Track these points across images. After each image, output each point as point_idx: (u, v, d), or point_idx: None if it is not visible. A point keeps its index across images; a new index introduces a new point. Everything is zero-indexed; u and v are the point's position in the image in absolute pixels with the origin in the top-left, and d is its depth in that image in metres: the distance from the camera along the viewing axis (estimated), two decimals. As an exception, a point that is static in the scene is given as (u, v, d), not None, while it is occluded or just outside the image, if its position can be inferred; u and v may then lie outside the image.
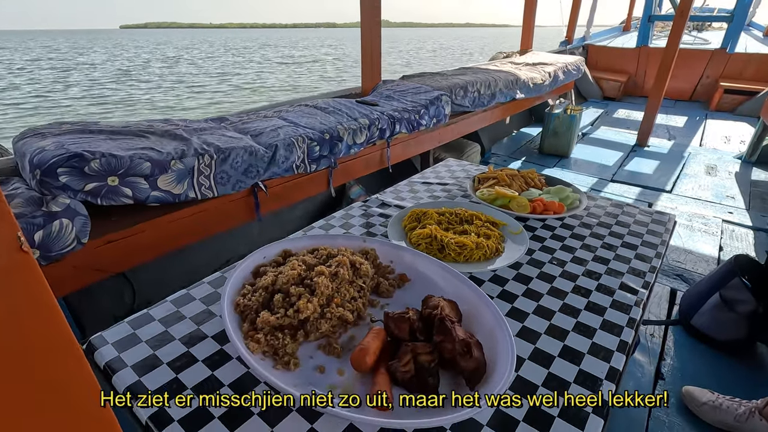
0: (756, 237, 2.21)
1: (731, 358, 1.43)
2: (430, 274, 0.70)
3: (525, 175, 1.09)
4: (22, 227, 0.94)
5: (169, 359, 0.55)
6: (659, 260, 0.84)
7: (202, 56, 22.82)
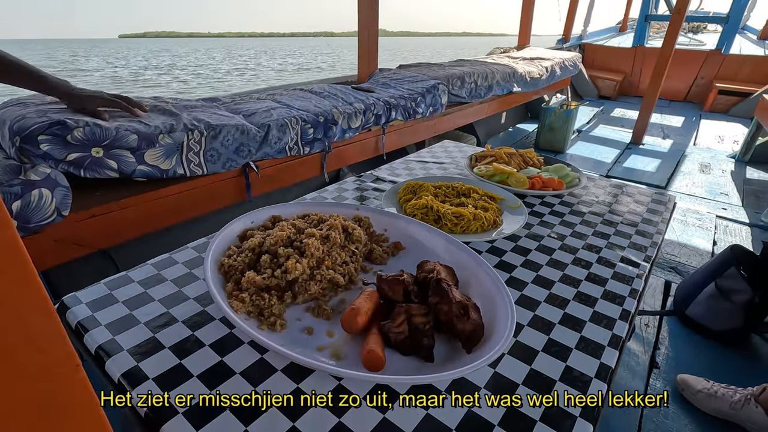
0: (749, 232, 2.22)
1: (726, 348, 1.42)
2: (425, 241, 0.67)
3: (523, 154, 1.06)
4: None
5: (146, 319, 0.52)
6: (660, 236, 0.82)
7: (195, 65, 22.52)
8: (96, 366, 0.47)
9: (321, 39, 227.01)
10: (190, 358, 0.47)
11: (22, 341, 0.20)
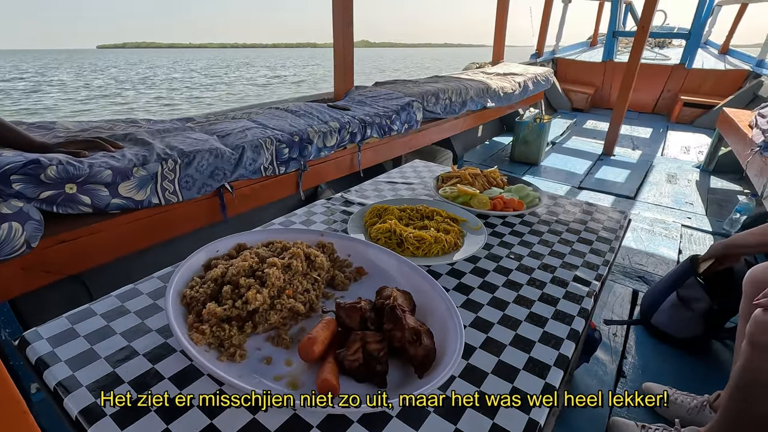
0: (713, 240, 2.31)
1: (689, 355, 1.48)
2: (385, 266, 0.70)
3: (487, 174, 1.11)
4: (-37, 226, 0.89)
5: (107, 353, 0.53)
6: (612, 254, 0.86)
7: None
8: (55, 403, 0.48)
9: (304, 50, 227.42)
10: (155, 387, 0.48)
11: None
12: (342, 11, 2.26)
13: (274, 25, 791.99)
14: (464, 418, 0.48)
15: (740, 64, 4.83)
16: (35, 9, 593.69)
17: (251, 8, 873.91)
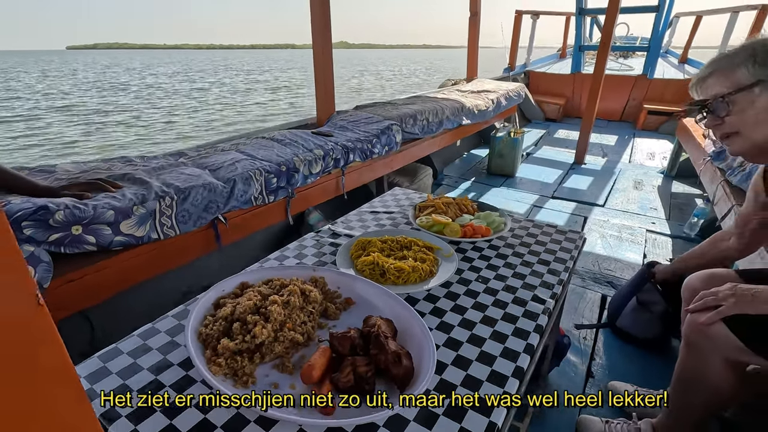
0: (674, 244, 2.50)
1: (651, 354, 1.63)
2: (370, 297, 0.81)
3: (459, 202, 1.24)
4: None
5: (139, 387, 0.63)
6: (567, 273, 1.00)
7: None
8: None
9: (284, 51, 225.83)
10: (179, 418, 0.58)
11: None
12: (322, 41, 2.39)
13: (252, 25, 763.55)
14: (438, 423, 0.59)
15: None
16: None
17: (228, 8, 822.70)
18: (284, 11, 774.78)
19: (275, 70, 32.68)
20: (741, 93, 0.85)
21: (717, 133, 0.95)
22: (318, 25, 2.35)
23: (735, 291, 0.86)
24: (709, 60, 0.94)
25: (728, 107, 0.88)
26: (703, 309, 0.91)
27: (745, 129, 0.87)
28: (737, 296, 0.85)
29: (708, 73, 0.91)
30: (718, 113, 0.89)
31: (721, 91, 0.87)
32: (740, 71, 0.86)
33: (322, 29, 2.36)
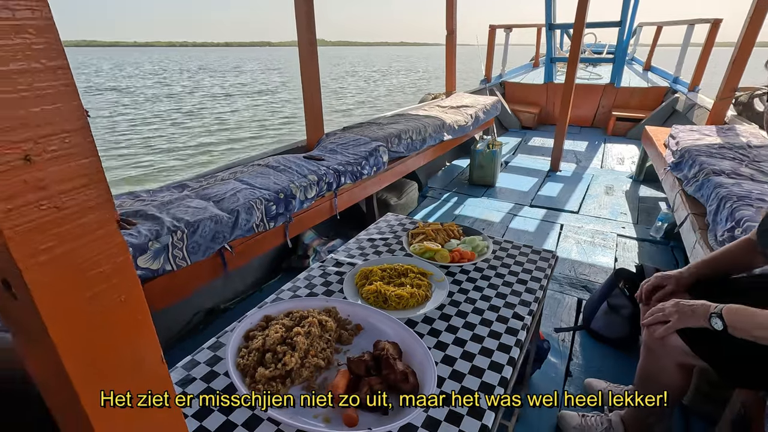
0: (641, 247, 2.72)
1: (622, 352, 1.81)
2: (376, 323, 0.96)
3: (446, 228, 1.39)
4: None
5: (191, 412, 0.75)
6: (542, 291, 1.16)
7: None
8: None
9: (260, 50, 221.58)
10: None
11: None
12: (310, 70, 2.53)
13: (227, 22, 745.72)
14: (441, 428, 0.74)
15: (660, 81, 5.48)
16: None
17: (203, 4, 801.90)
18: (260, 8, 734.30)
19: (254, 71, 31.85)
20: None
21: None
22: (305, 55, 2.48)
23: (678, 308, 1.03)
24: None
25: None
26: (655, 323, 1.08)
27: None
28: (680, 312, 1.02)
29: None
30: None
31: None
32: None
33: (310, 60, 2.49)
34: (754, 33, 3.02)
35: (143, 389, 0.42)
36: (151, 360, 0.43)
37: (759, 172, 2.11)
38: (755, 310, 0.91)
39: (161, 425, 0.45)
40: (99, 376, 0.38)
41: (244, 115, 12.27)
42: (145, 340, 0.42)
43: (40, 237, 0.32)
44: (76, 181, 0.34)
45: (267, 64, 42.04)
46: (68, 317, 0.35)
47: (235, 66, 37.86)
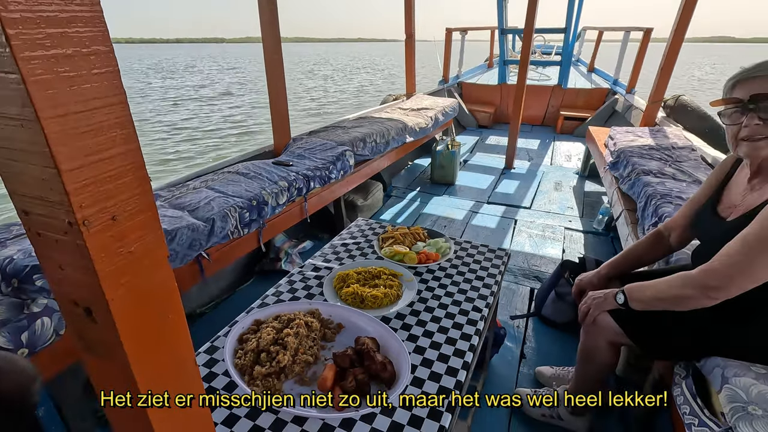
0: (585, 238, 3.01)
1: (568, 335, 2.05)
2: (356, 321, 1.09)
3: (413, 232, 1.54)
4: (10, 331, 1.11)
5: (198, 409, 0.85)
6: (497, 286, 1.34)
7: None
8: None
9: (213, 46, 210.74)
10: (237, 425, 0.82)
11: None
12: (275, 76, 2.59)
13: (177, 18, 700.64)
14: (414, 409, 0.89)
15: (602, 82, 5.93)
16: None
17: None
18: (212, 3, 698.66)
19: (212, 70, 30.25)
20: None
21: (746, 132, 1.00)
22: (271, 61, 2.54)
23: (592, 300, 1.25)
24: (763, 62, 0.98)
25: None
26: (583, 316, 1.30)
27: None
28: (594, 301, 1.24)
29: (763, 74, 0.96)
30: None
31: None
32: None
33: (276, 66, 2.55)
34: (678, 43, 3.38)
35: (185, 390, 0.53)
36: (190, 365, 0.54)
37: (680, 171, 2.42)
38: (647, 283, 1.13)
39: (197, 421, 0.56)
40: (158, 381, 0.49)
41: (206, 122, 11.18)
42: (186, 348, 0.53)
43: (121, 275, 0.43)
44: (141, 231, 0.44)
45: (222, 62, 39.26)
46: (137, 335, 0.46)
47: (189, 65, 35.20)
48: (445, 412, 0.87)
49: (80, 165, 0.37)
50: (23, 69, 0.32)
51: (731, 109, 1.02)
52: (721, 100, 1.04)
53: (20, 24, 0.31)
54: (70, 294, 0.44)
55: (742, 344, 1.06)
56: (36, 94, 0.33)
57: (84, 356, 0.49)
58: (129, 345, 0.45)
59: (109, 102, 0.38)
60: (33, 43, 0.32)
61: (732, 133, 1.04)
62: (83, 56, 0.36)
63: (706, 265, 1.02)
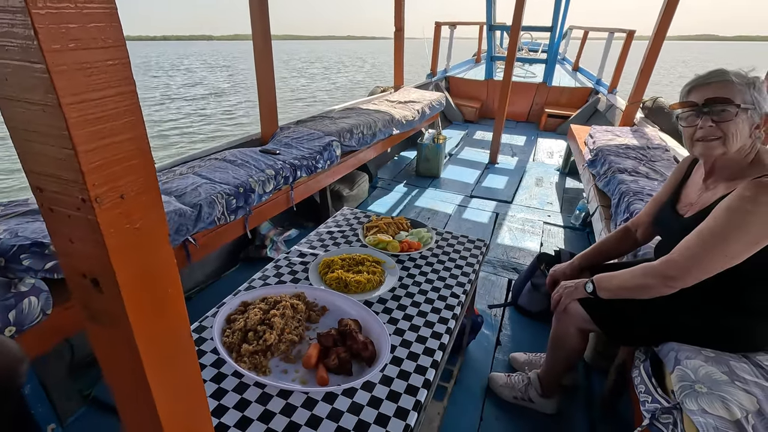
0: (563, 233, 3.12)
1: (540, 323, 2.15)
2: (340, 304, 1.14)
3: (396, 222, 1.60)
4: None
5: (187, 383, 0.90)
6: (475, 274, 1.41)
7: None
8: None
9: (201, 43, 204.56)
10: (224, 398, 0.87)
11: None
12: (264, 65, 2.59)
13: (163, 13, 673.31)
14: (393, 384, 0.95)
15: (586, 81, 6.06)
16: None
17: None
18: (198, 2, 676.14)
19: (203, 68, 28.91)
20: (744, 109, 1.02)
21: (701, 133, 1.07)
22: (259, 49, 2.55)
23: (564, 289, 1.33)
24: (716, 70, 1.07)
25: (733, 116, 1.02)
26: (555, 304, 1.38)
27: (728, 138, 1.04)
28: (566, 290, 1.33)
29: (717, 80, 1.04)
30: (722, 117, 1.03)
31: (730, 99, 1.02)
32: (747, 91, 1.02)
33: (264, 54, 2.56)
34: (658, 47, 3.50)
35: (181, 358, 0.58)
36: (186, 335, 0.59)
37: (653, 170, 2.53)
38: (613, 273, 1.22)
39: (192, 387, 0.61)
40: (158, 349, 0.53)
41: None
42: (183, 320, 0.58)
43: (127, 250, 0.47)
44: (146, 209, 0.48)
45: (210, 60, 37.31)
46: (140, 306, 0.50)
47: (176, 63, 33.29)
48: (421, 388, 0.94)
49: (95, 147, 0.41)
50: (48, 59, 0.36)
51: (687, 112, 1.11)
52: (678, 104, 1.12)
53: (47, 19, 0.35)
54: (79, 266, 0.48)
55: (694, 330, 1.15)
56: (59, 82, 0.37)
57: (88, 325, 0.53)
58: (133, 315, 0.49)
59: (121, 90, 0.42)
60: (57, 36, 0.36)
61: (688, 135, 1.13)
62: (99, 49, 0.40)
63: (665, 257, 1.11)
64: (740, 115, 1.03)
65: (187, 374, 0.59)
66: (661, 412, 1.02)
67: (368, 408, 0.88)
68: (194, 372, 0.61)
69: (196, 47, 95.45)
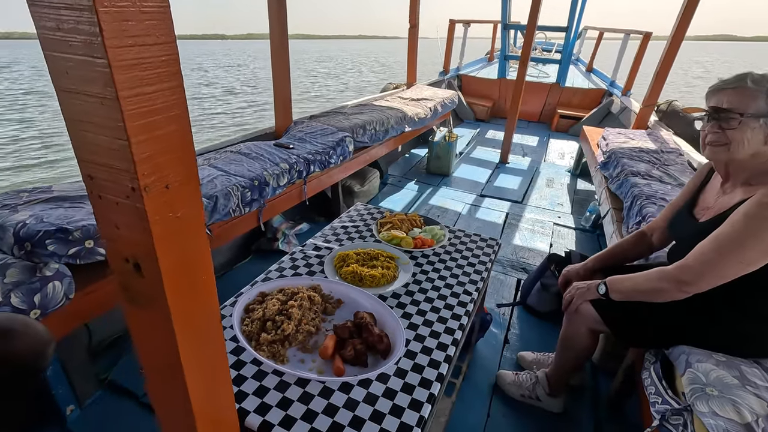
0: (573, 234, 3.11)
1: (549, 323, 2.16)
2: (355, 297, 1.16)
3: (410, 218, 1.61)
4: (23, 292, 1.17)
5: (208, 369, 0.93)
6: (487, 272, 1.42)
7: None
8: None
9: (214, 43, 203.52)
10: (244, 384, 0.90)
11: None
12: (280, 55, 2.61)
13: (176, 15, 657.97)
14: (407, 376, 0.97)
15: (600, 83, 6.01)
16: None
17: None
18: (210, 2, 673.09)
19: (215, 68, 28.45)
20: (753, 117, 1.01)
21: (710, 138, 1.09)
22: (276, 45, 2.57)
23: (577, 289, 1.34)
24: (738, 74, 1.06)
25: (737, 124, 1.02)
26: (567, 304, 1.39)
27: (733, 145, 1.05)
28: (578, 291, 1.33)
29: (733, 87, 1.04)
30: (728, 124, 1.04)
31: (739, 109, 1.02)
32: (763, 98, 1.00)
33: (281, 49, 2.58)
34: (675, 50, 3.46)
35: (212, 341, 0.60)
36: (216, 320, 0.61)
37: (666, 174, 2.52)
38: (627, 276, 1.23)
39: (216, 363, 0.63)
40: (192, 332, 0.56)
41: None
42: (214, 306, 0.60)
43: (170, 236, 0.49)
44: (187, 199, 0.51)
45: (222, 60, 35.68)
46: (177, 290, 0.52)
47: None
48: (434, 381, 0.96)
49: (146, 138, 0.43)
50: (110, 55, 0.38)
51: (701, 117, 1.14)
52: (692, 108, 1.15)
53: (111, 17, 0.37)
54: (123, 251, 0.51)
55: (707, 335, 1.16)
56: (118, 76, 0.39)
57: (126, 306, 0.56)
58: (171, 299, 0.52)
59: (171, 85, 0.45)
60: (119, 33, 0.38)
61: (702, 138, 1.14)
62: (154, 45, 0.42)
63: (681, 262, 1.11)
64: (749, 123, 1.02)
65: (215, 356, 0.62)
66: (672, 414, 1.03)
67: (383, 399, 0.90)
68: (222, 355, 0.63)
69: (209, 47, 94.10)
